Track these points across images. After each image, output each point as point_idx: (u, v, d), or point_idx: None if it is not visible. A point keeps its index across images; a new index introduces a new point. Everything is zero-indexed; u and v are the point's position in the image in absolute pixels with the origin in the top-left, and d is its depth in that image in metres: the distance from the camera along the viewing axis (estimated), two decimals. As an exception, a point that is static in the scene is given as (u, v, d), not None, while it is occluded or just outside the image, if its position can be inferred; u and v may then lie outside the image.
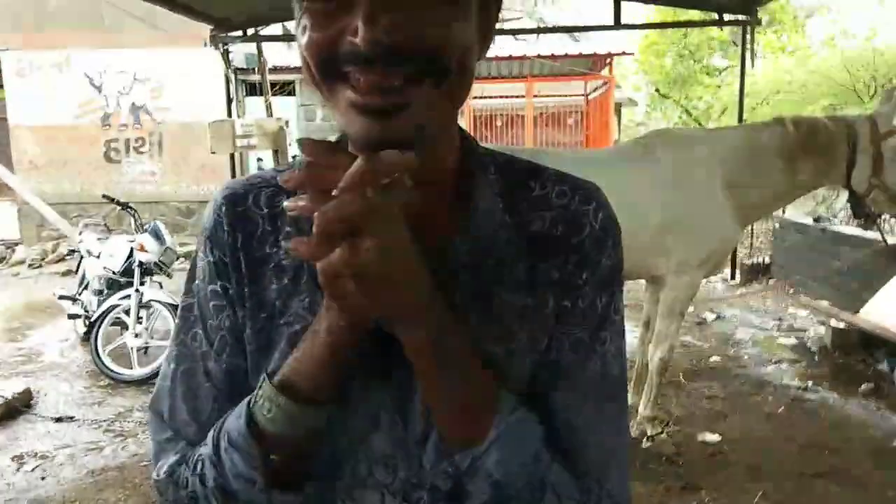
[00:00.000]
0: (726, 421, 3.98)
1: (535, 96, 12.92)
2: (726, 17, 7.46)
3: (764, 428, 3.89)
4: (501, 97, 14.18)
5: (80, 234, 5.78)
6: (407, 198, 0.55)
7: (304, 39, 0.60)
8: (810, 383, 4.57)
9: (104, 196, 5.78)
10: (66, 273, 8.71)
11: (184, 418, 0.74)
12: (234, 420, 0.65)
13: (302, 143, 0.56)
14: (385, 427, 0.69)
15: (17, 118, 10.90)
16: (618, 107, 14.70)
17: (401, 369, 0.64)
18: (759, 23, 7.48)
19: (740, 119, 7.68)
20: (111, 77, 10.79)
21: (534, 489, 0.66)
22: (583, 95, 14.08)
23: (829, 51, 12.82)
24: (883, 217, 3.90)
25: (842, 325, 5.17)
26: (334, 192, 0.52)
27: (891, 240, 5.24)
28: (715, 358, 5.16)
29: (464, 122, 12.81)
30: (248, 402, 0.65)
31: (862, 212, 3.66)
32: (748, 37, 7.53)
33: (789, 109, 8.30)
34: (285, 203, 0.55)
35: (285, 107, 11.02)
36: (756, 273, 7.94)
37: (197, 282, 0.75)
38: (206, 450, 0.68)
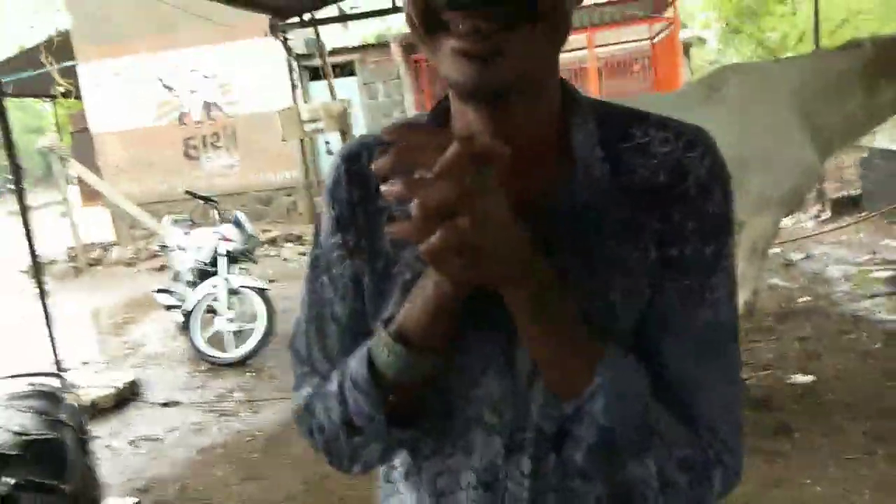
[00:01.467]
0: (820, 361, 3.85)
1: (598, 46, 12.56)
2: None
3: (860, 365, 3.75)
4: (562, 51, 13.85)
5: (168, 229, 6.08)
6: (499, 174, 0.57)
7: None
8: (910, 316, 4.35)
9: (187, 192, 6.05)
10: (161, 268, 9.19)
11: (316, 355, 0.83)
12: (357, 363, 0.71)
13: (385, 129, 0.58)
14: (494, 371, 0.72)
15: (98, 126, 11.50)
16: (686, 47, 14.13)
17: (509, 317, 0.66)
18: (830, -60, 7.01)
19: (817, 46, 7.25)
20: (181, 77, 11.20)
21: (641, 435, 0.68)
22: (648, 39, 13.60)
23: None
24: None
25: (943, 253, 4.88)
26: (429, 176, 0.55)
27: None
28: (805, 298, 4.97)
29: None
30: (369, 348, 0.71)
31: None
32: (820, -44, 7.09)
33: (871, 31, 7.78)
34: (382, 188, 0.58)
35: (347, 87, 11.16)
36: (846, 206, 7.54)
37: (321, 235, 0.82)
38: (333, 388, 0.76)
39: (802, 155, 3.26)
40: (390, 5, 7.38)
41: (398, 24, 11.33)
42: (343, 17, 9.06)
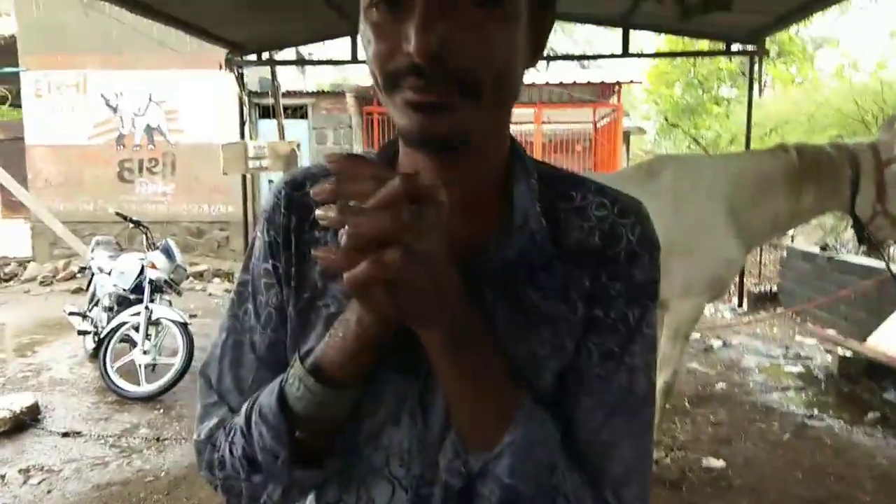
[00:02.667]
0: (731, 446, 3.97)
1: (544, 123, 13.02)
2: (734, 47, 7.54)
3: (769, 454, 3.88)
4: (511, 123, 14.30)
5: (92, 251, 5.85)
6: (438, 216, 0.57)
7: (368, 52, 0.66)
8: (816, 411, 4.55)
9: (117, 213, 5.85)
10: (77, 290, 8.79)
11: (228, 385, 0.79)
12: (267, 395, 0.69)
13: (330, 157, 0.58)
14: (406, 421, 0.71)
15: (33, 138, 11.09)
16: (626, 135, 14.79)
17: (427, 365, 0.66)
18: (766, 53, 7.56)
19: (748, 148, 7.72)
20: (127, 98, 10.98)
21: (546, 496, 0.67)
22: (591, 123, 14.21)
23: (837, 82, 12.89)
24: (888, 244, 3.90)
25: (848, 354, 5.16)
26: (366, 206, 0.54)
27: (897, 268, 5.24)
28: (721, 384, 5.14)
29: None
30: (281, 380, 0.68)
31: (866, 238, 3.68)
32: (755, 67, 7.62)
33: (797, 139, 8.35)
34: (317, 212, 0.56)
35: (297, 130, 11.16)
36: (763, 301, 7.93)
37: (253, 259, 0.80)
38: (239, 420, 0.72)
39: (727, 247, 3.43)
40: (349, 56, 7.50)
41: (355, 75, 11.48)
42: (301, 62, 9.18)
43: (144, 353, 4.89)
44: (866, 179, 3.46)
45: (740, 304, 7.95)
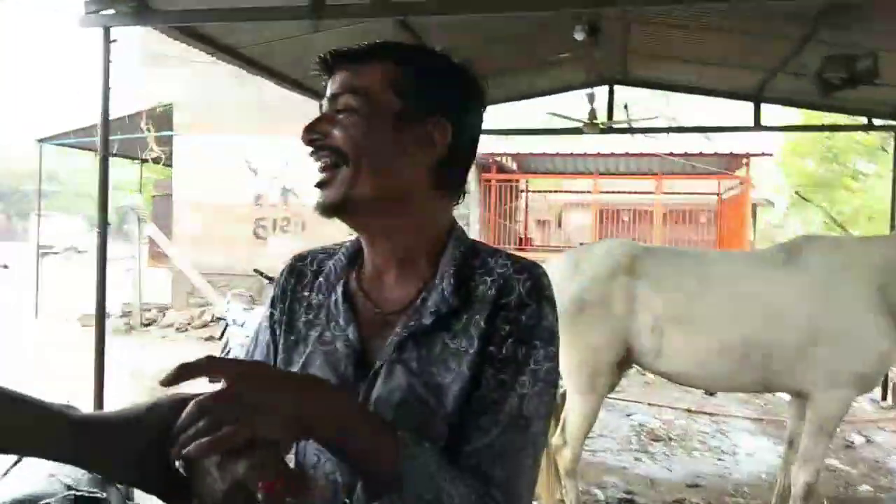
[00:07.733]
0: (880, 558, 3.59)
1: (665, 193, 12.77)
2: (876, 121, 7.16)
3: (926, 572, 3.47)
4: (629, 192, 14.13)
5: (228, 303, 6.21)
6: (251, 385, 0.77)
7: None
8: (981, 526, 4.05)
9: (255, 270, 6.23)
10: (209, 338, 9.34)
11: None
12: None
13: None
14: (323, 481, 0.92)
15: (181, 194, 12.08)
16: (753, 207, 14.23)
17: None
18: (913, 129, 7.14)
19: (892, 228, 7.23)
20: (266, 161, 11.79)
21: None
22: (716, 194, 13.80)
23: None
24: None
25: None
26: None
27: None
28: (865, 487, 4.69)
29: (589, 215, 12.85)
30: None
31: None
32: (901, 142, 7.19)
33: (950, 220, 7.72)
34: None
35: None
36: (911, 395, 7.23)
37: (265, 307, 1.11)
38: None
39: (880, 336, 3.17)
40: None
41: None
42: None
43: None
44: None
45: (884, 398, 7.29)
